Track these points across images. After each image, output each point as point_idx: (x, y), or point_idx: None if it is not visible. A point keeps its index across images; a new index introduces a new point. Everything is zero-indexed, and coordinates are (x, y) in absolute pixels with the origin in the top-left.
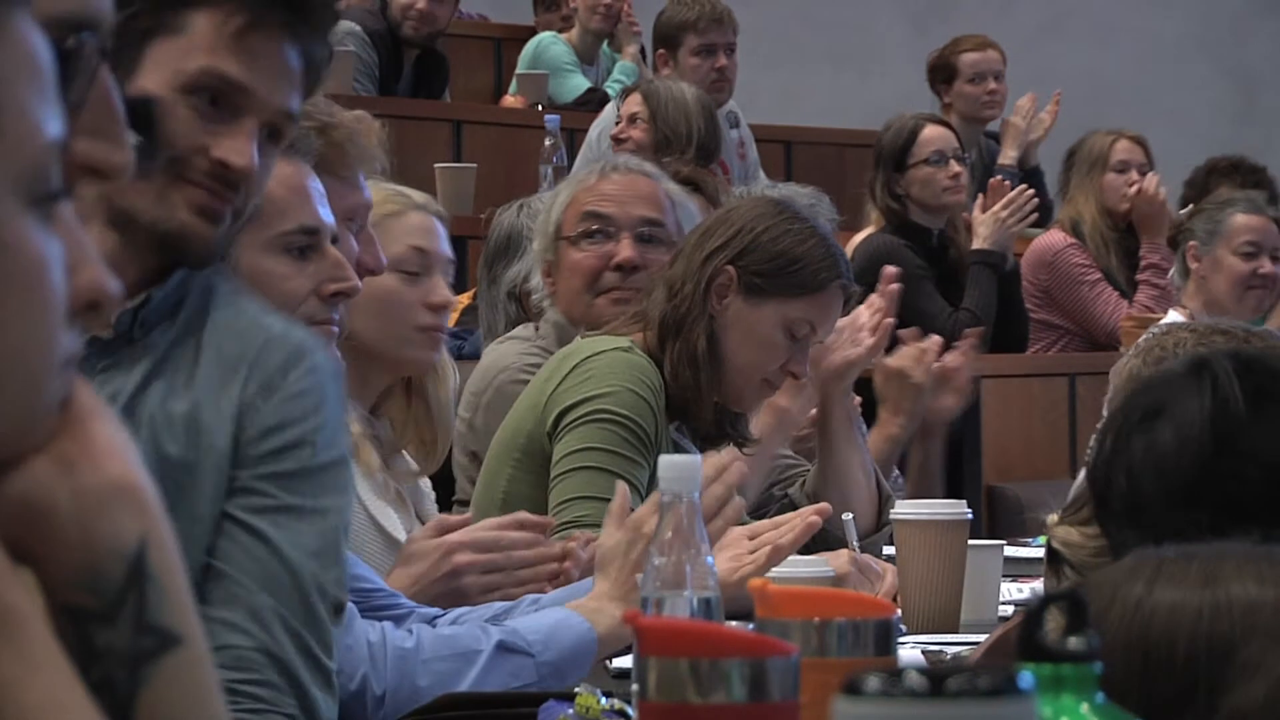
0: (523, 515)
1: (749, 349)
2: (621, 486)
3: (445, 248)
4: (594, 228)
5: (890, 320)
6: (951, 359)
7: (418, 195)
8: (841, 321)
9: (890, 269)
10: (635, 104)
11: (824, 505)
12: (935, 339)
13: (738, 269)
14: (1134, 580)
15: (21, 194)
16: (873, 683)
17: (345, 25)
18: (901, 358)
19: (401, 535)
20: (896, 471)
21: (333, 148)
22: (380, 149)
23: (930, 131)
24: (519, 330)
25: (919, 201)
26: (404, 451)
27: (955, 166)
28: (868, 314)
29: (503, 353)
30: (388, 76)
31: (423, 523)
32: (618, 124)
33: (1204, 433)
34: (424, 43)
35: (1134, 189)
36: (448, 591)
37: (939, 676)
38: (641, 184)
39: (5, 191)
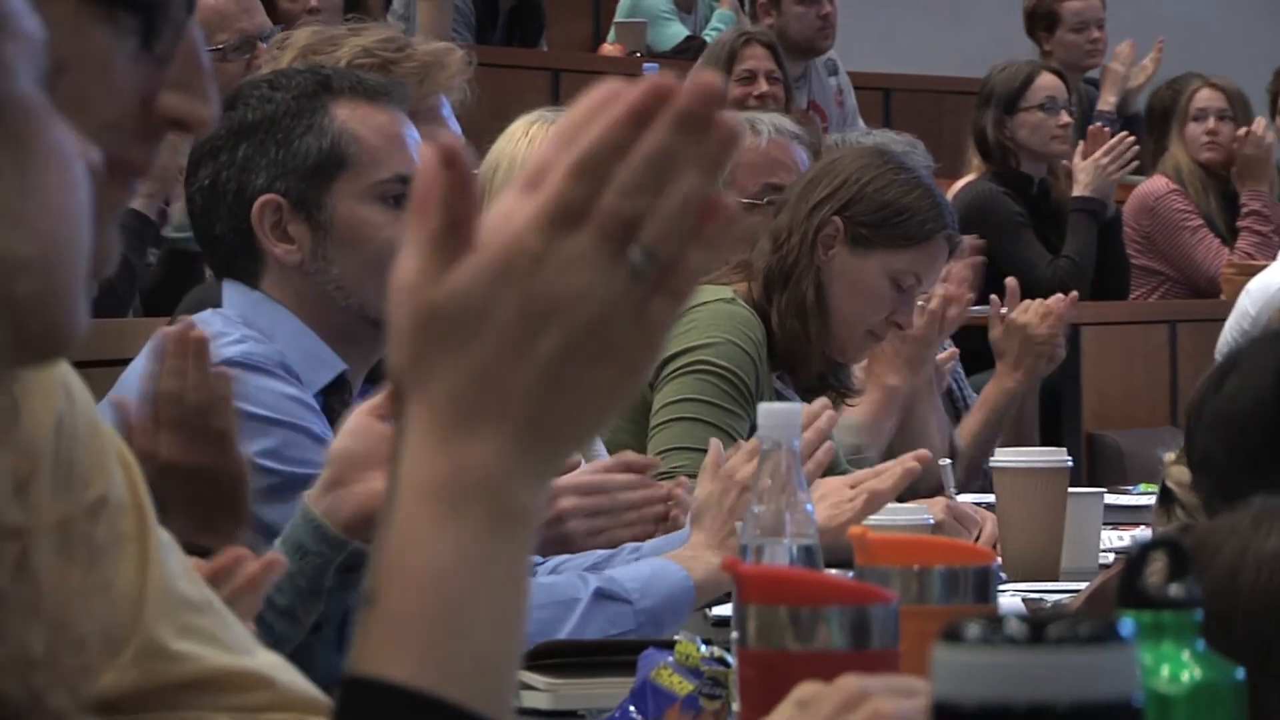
0: (628, 456)
1: (855, 300)
2: (715, 441)
3: None
4: (772, 198)
5: (970, 296)
6: (1056, 303)
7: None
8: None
9: (972, 240)
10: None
11: (923, 452)
12: (1059, 296)
13: (844, 219)
14: (1241, 529)
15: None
16: (973, 630)
17: None
18: (1025, 313)
19: None
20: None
21: (405, 81)
22: (463, 81)
23: (1044, 79)
24: None
25: (1026, 147)
26: None
27: (1065, 116)
28: (956, 281)
29: None
30: (484, 25)
31: None
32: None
33: (1267, 391)
34: None
35: (1222, 137)
36: (553, 537)
37: (1039, 624)
38: (797, 151)
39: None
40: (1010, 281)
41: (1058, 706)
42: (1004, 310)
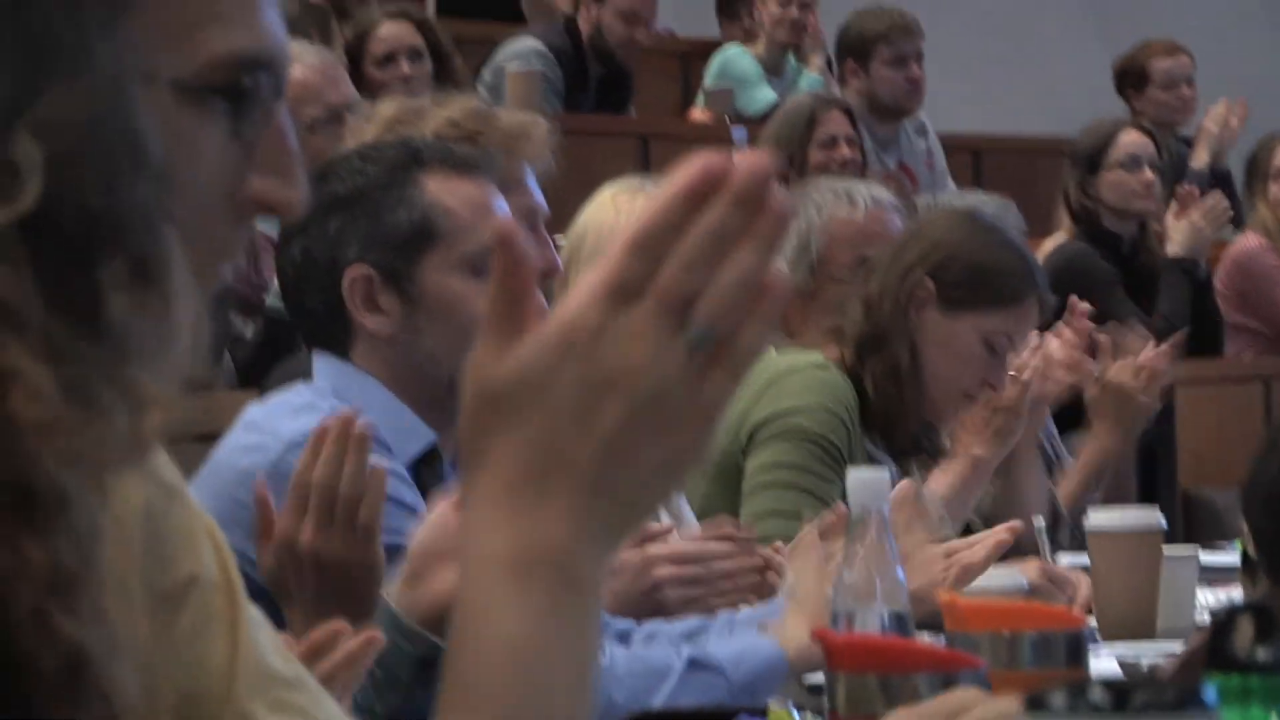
0: (725, 526)
1: (949, 361)
2: (810, 527)
3: None
4: (861, 270)
5: (1090, 364)
6: (1151, 358)
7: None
8: (1043, 350)
9: (1080, 304)
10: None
11: (1016, 524)
12: (1150, 351)
13: (936, 282)
14: None
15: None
16: (1057, 699)
17: (530, 43)
18: (1120, 372)
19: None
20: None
21: (492, 152)
22: (547, 150)
23: (1127, 136)
24: None
25: (1109, 206)
26: None
27: (1148, 173)
28: (1059, 347)
29: None
30: (574, 92)
31: None
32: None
33: None
34: (609, 59)
35: None
36: (648, 604)
37: (1123, 691)
38: (893, 221)
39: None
40: (1104, 339)
41: None
42: (1097, 370)
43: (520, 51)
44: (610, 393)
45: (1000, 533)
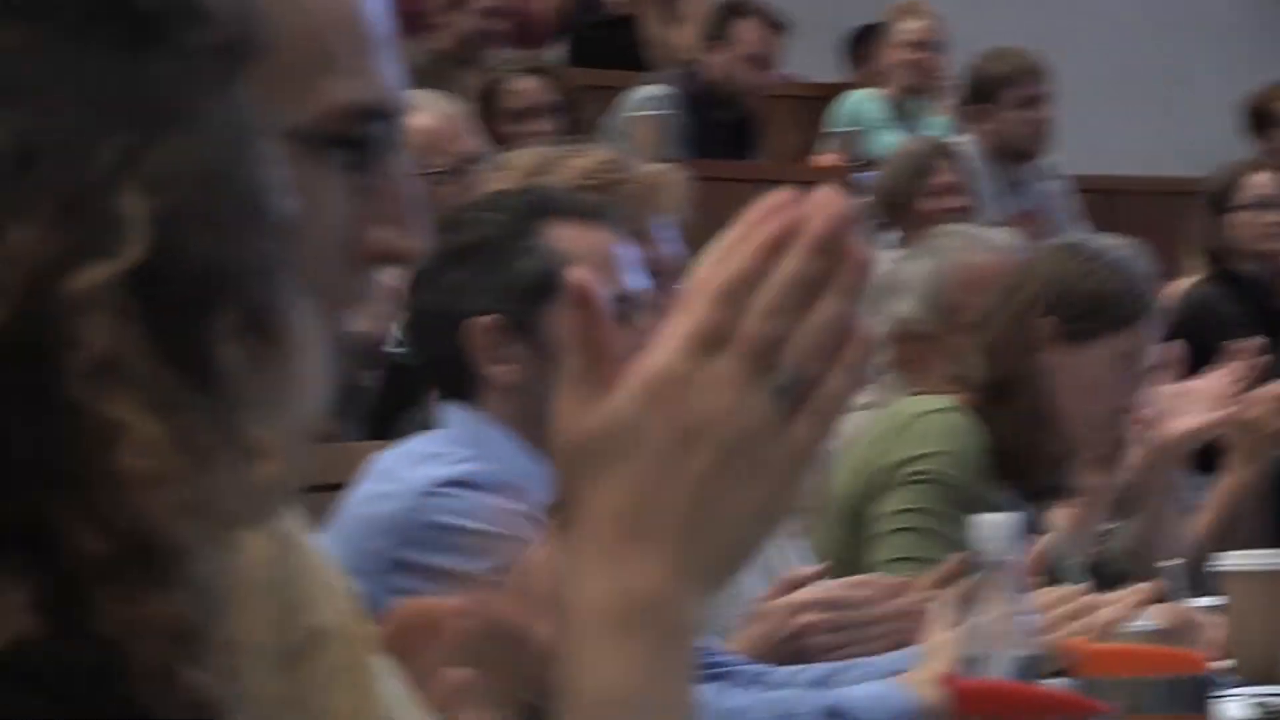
0: (873, 578)
1: (1083, 395)
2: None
3: None
4: None
5: (1238, 406)
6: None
7: None
8: (1180, 388)
9: (1234, 354)
10: (954, 171)
11: (1157, 585)
12: None
13: (1057, 318)
14: None
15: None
16: None
17: (655, 90)
18: (1256, 406)
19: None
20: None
21: (626, 203)
22: (681, 201)
23: (1256, 177)
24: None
25: (1238, 247)
26: None
27: (1274, 214)
28: (1207, 384)
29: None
30: (703, 138)
31: None
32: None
33: None
34: (734, 104)
35: None
36: (791, 650)
37: None
38: (1010, 266)
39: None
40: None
41: None
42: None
43: (646, 97)
44: (699, 440)
45: (1140, 591)
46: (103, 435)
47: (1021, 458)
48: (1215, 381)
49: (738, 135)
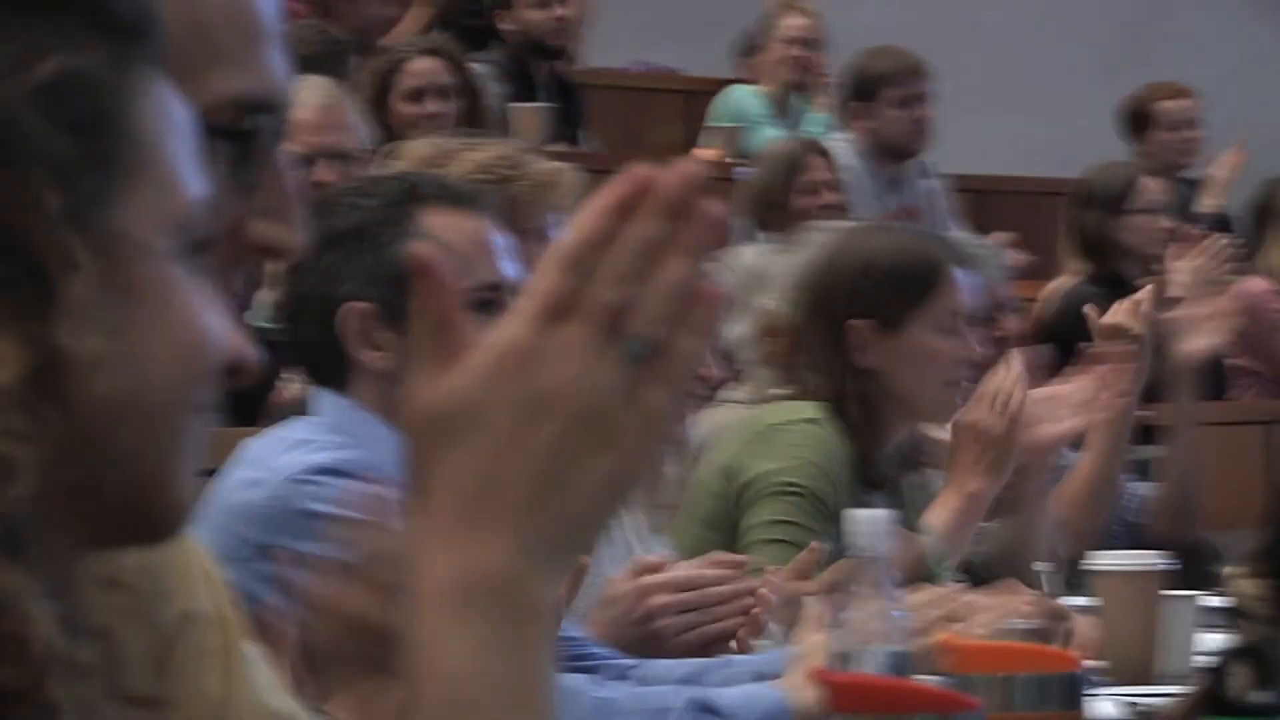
0: (718, 555)
1: (921, 371)
2: (815, 548)
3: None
4: None
5: (1106, 407)
6: (1197, 306)
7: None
8: (1049, 392)
9: (1102, 359)
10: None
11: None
12: (1148, 289)
13: (863, 313)
14: None
15: (172, 242)
16: None
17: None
18: (1114, 313)
19: None
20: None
21: (516, 200)
22: (574, 196)
23: (1148, 182)
24: (735, 393)
25: (1129, 249)
26: None
27: (1166, 220)
28: (1075, 389)
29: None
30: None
31: None
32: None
33: None
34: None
35: None
36: (643, 635)
37: None
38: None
39: (155, 237)
40: (1089, 309)
41: None
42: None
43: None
44: (545, 413)
45: (1009, 598)
46: None
47: (866, 460)
48: (1082, 386)
49: (563, 111)
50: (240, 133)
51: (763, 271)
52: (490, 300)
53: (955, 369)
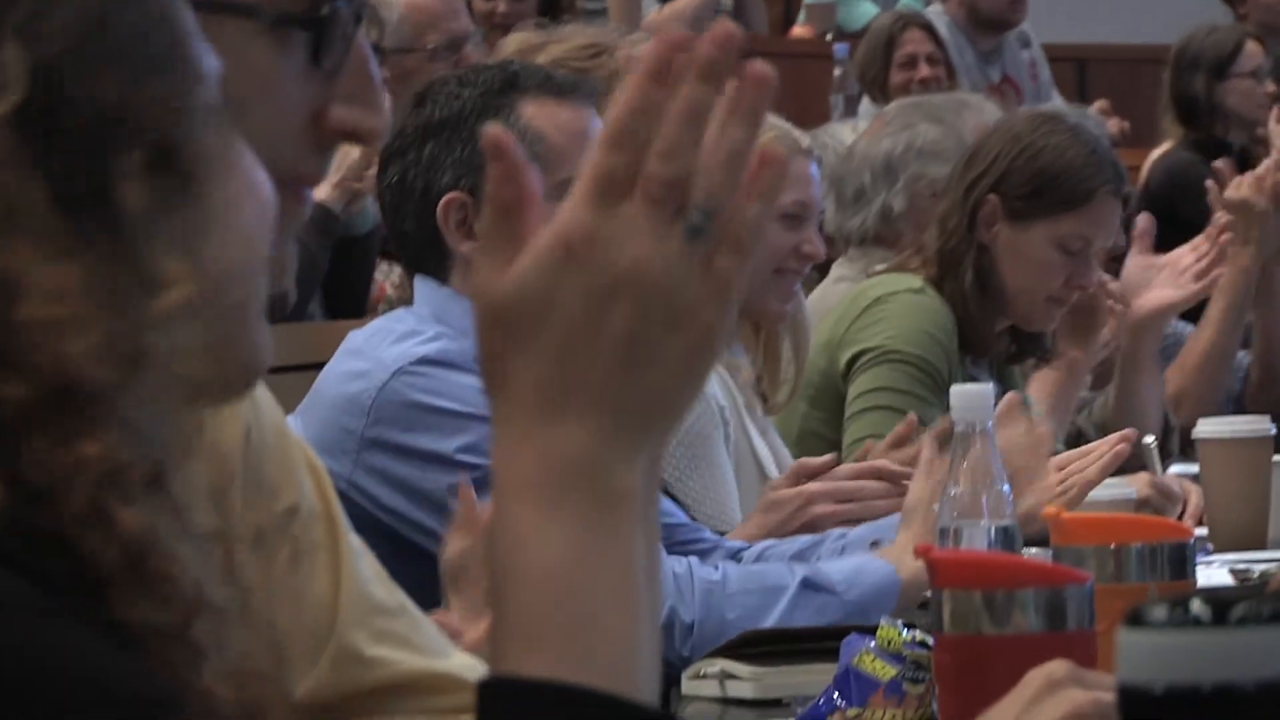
0: (881, 464)
1: (1025, 273)
2: (928, 437)
3: (819, 194)
4: None
5: (1220, 272)
6: (1263, 171)
7: (804, 138)
8: (1153, 260)
9: (1217, 223)
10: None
11: (1130, 431)
12: (1269, 163)
13: (1000, 195)
14: None
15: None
16: (1157, 613)
17: None
18: (1238, 187)
19: (772, 467)
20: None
21: (610, 81)
22: None
23: (1252, 46)
24: (839, 269)
25: (1234, 113)
26: None
27: (1272, 84)
28: (1191, 256)
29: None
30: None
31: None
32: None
33: None
34: None
35: None
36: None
37: (1223, 604)
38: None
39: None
40: (1210, 184)
41: (1244, 686)
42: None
43: None
44: (616, 296)
45: (1115, 442)
46: (6, 287)
47: (976, 331)
48: (1186, 255)
49: None
50: (318, 19)
51: (922, 147)
52: None
53: (1061, 289)
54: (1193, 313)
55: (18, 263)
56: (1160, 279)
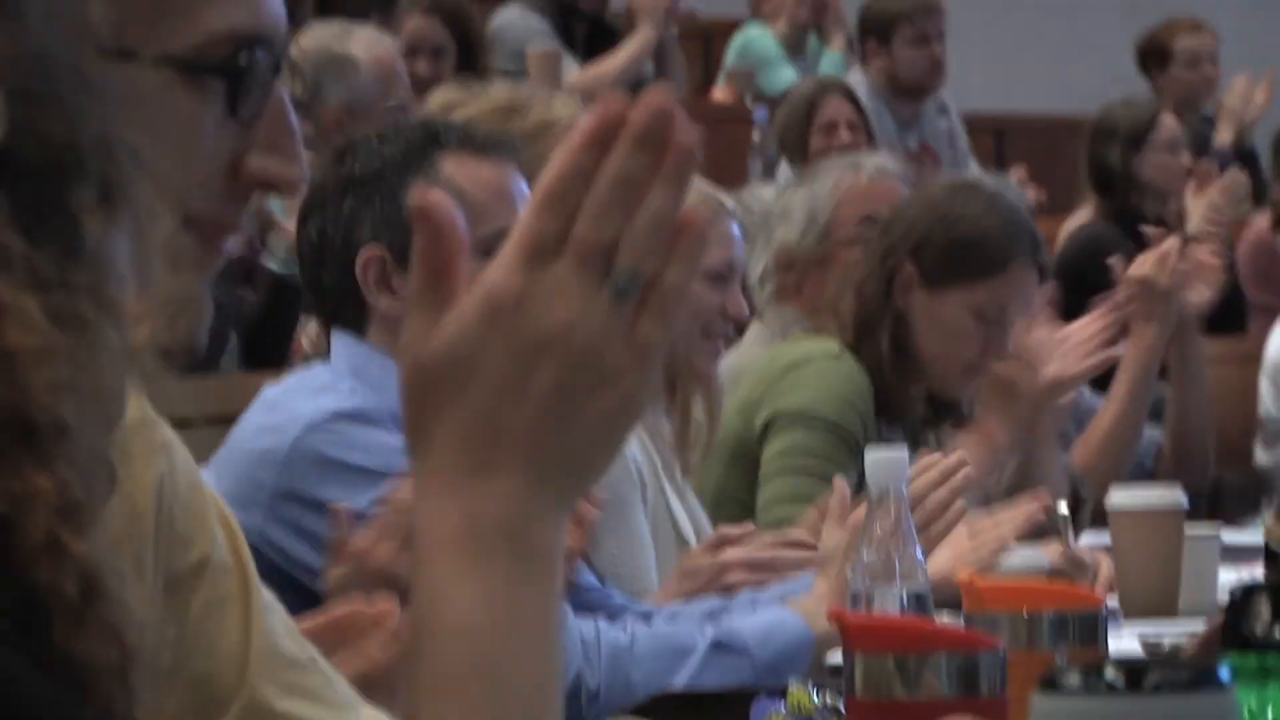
0: (799, 535)
1: (940, 340)
2: (840, 484)
3: (742, 254)
4: (870, 232)
5: (1115, 353)
6: (1200, 253)
7: (727, 199)
8: (1059, 332)
9: (1125, 308)
10: (844, 108)
11: (1042, 494)
12: (1173, 240)
13: (915, 261)
14: None
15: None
16: (1071, 678)
17: (517, 11)
18: (1141, 266)
19: (689, 530)
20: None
21: (539, 150)
22: None
23: (1170, 119)
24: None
25: (1149, 184)
26: None
27: (1186, 157)
28: (1090, 329)
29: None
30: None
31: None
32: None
33: None
34: (592, 14)
35: None
36: None
37: (1137, 670)
38: (897, 188)
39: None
40: (1114, 260)
41: None
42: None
43: (511, 20)
44: (541, 355)
45: (1030, 506)
46: None
47: (891, 396)
48: (1086, 328)
49: (600, 45)
50: (236, 69)
51: (777, 205)
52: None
53: (977, 356)
54: (1103, 382)
55: None
56: (1060, 352)
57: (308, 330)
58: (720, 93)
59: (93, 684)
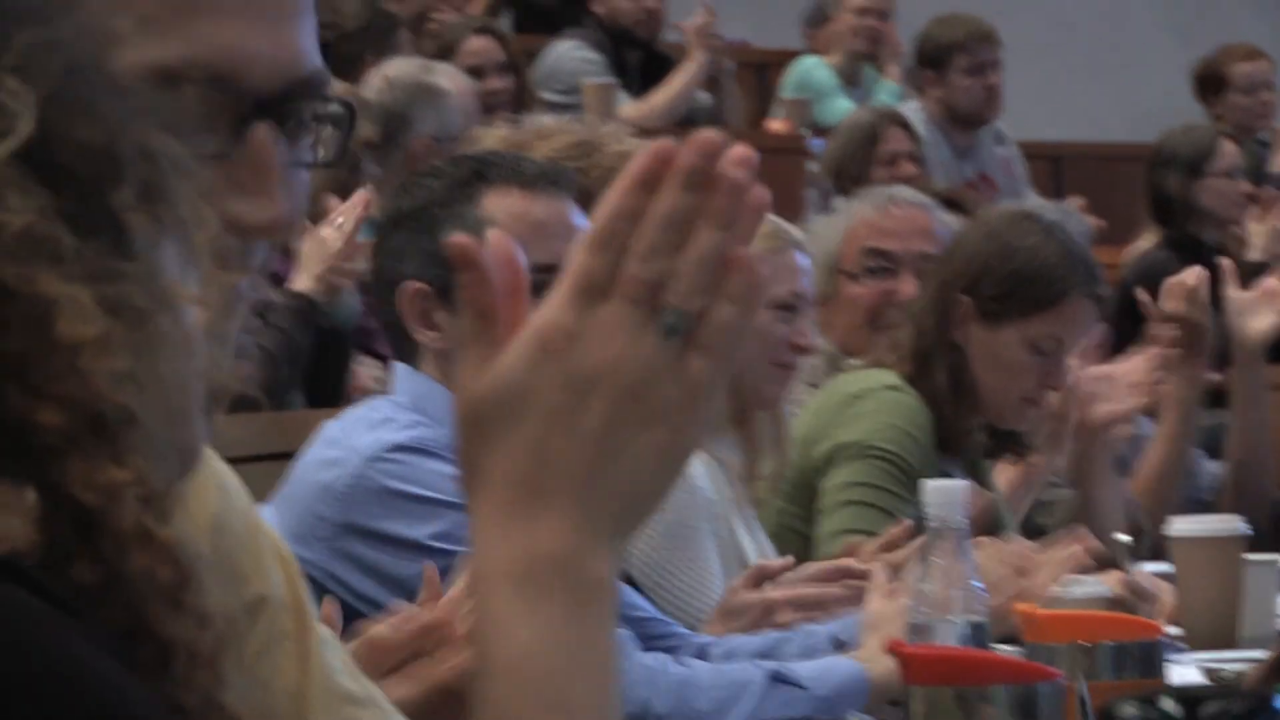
0: (847, 563)
1: (997, 374)
2: (906, 523)
3: (810, 286)
4: (875, 265)
5: (1165, 387)
6: (1266, 281)
7: (796, 232)
8: (1106, 370)
9: (1160, 341)
10: (904, 139)
11: (1081, 533)
12: (1196, 270)
13: (973, 296)
14: None
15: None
16: (1129, 708)
17: (570, 44)
18: (1171, 297)
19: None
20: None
21: (593, 188)
22: None
23: (1229, 145)
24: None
25: (1209, 211)
26: None
27: (1245, 184)
28: (1141, 367)
29: None
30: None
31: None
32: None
33: None
34: (644, 44)
35: None
36: None
37: (1193, 701)
38: (920, 218)
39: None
40: (1144, 299)
41: None
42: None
43: (565, 53)
44: (592, 392)
45: (1072, 549)
46: (38, 311)
47: (946, 426)
48: (1138, 365)
49: (654, 75)
50: (212, 105)
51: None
52: (546, 283)
53: (1034, 389)
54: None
55: (48, 287)
56: (1111, 390)
57: (373, 370)
58: (776, 124)
59: (185, 669)
